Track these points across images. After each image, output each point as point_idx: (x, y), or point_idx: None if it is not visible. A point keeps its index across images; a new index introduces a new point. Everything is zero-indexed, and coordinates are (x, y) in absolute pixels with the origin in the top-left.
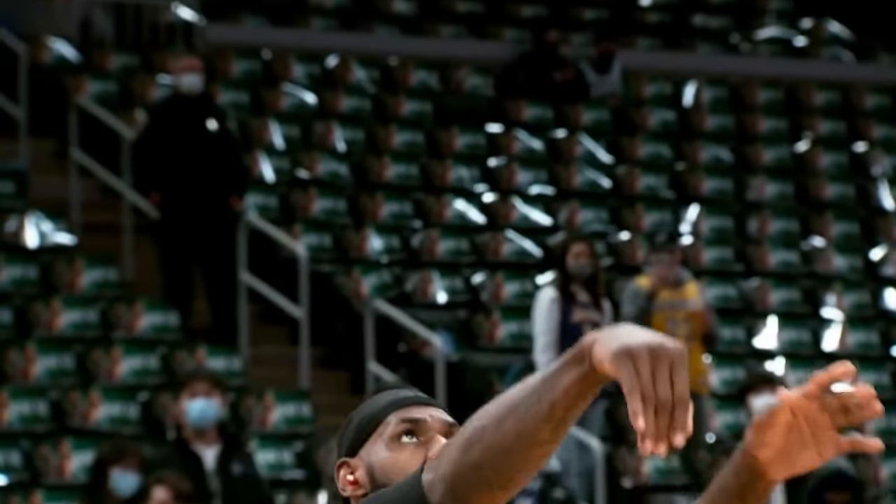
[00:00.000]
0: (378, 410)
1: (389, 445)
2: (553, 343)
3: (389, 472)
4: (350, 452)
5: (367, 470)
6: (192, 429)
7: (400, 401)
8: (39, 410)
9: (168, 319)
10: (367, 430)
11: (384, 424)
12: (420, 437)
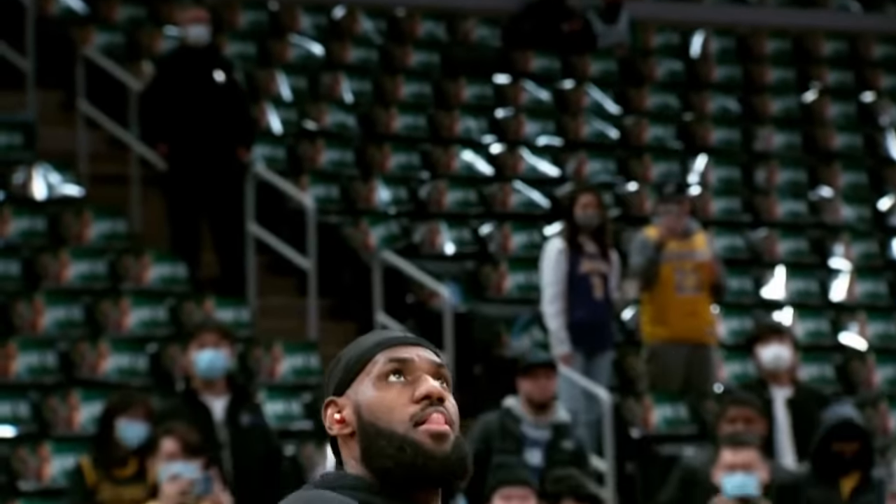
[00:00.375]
0: (366, 350)
1: (376, 384)
2: (561, 294)
3: (376, 411)
4: (337, 391)
5: (354, 408)
6: (201, 380)
7: (388, 340)
8: (48, 362)
9: (176, 271)
10: (354, 370)
11: (372, 363)
12: (407, 376)
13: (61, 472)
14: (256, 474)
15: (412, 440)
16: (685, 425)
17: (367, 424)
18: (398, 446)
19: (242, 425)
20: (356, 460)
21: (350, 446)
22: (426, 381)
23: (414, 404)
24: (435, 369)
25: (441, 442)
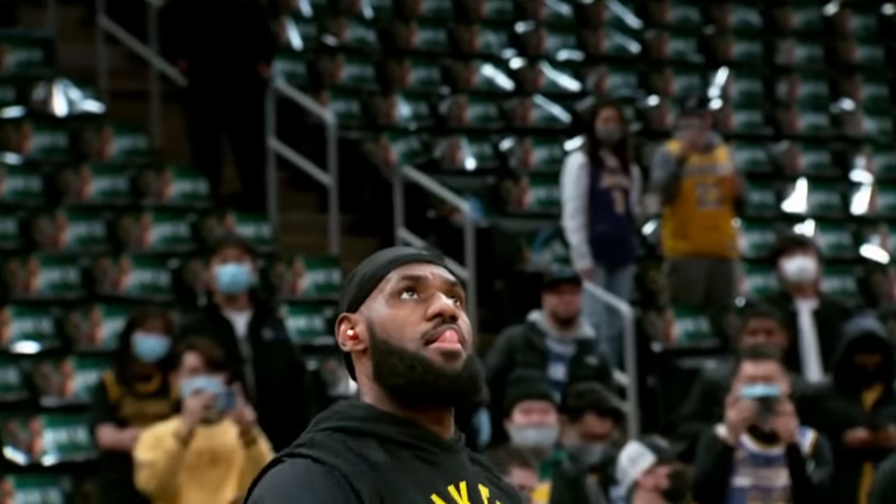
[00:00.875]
0: (380, 267)
1: (389, 301)
2: (582, 208)
3: (388, 328)
4: (351, 308)
5: (367, 325)
6: (223, 294)
7: (402, 257)
8: (70, 278)
9: (197, 187)
10: (368, 286)
11: (385, 280)
12: (420, 293)
13: (84, 388)
14: (279, 389)
15: (423, 358)
16: (706, 339)
17: (379, 342)
18: (409, 364)
19: (265, 340)
20: (368, 377)
21: (363, 363)
22: (439, 299)
23: (426, 322)
24: (448, 287)
25: (452, 360)
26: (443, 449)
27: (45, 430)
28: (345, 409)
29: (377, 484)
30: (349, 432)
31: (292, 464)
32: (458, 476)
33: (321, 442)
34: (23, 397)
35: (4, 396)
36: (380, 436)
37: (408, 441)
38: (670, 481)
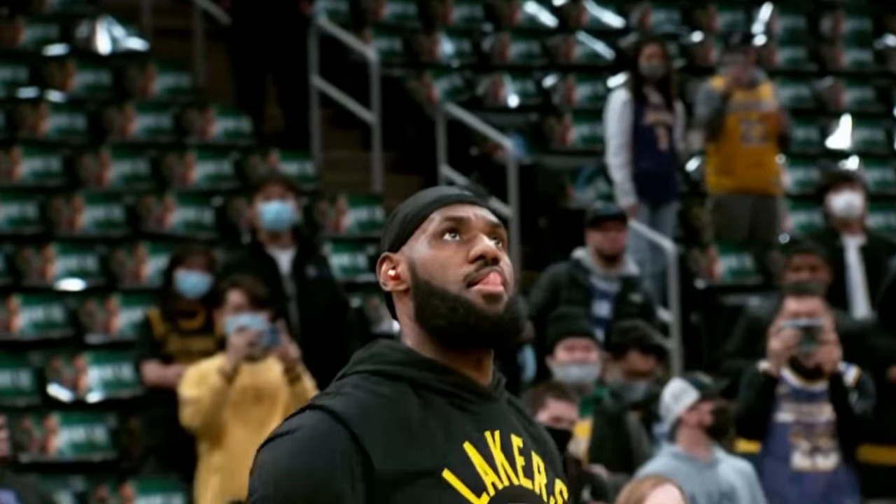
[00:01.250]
0: (422, 207)
1: (431, 242)
2: (625, 145)
3: (430, 269)
4: (393, 247)
5: (409, 265)
6: (267, 232)
7: (445, 198)
8: (114, 215)
9: (240, 125)
10: (410, 226)
11: (428, 221)
12: (463, 235)
13: (129, 325)
14: (322, 326)
15: (465, 300)
16: (750, 275)
17: (420, 283)
18: (451, 306)
19: (308, 277)
20: (409, 318)
21: (404, 303)
22: (481, 241)
23: (468, 264)
24: (491, 229)
25: (494, 302)
26: (479, 396)
27: (91, 368)
28: (383, 351)
29: (397, 437)
30: (385, 376)
31: (301, 423)
32: (493, 424)
33: (349, 391)
34: (68, 335)
35: (49, 334)
36: (415, 381)
37: (444, 388)
38: (713, 418)
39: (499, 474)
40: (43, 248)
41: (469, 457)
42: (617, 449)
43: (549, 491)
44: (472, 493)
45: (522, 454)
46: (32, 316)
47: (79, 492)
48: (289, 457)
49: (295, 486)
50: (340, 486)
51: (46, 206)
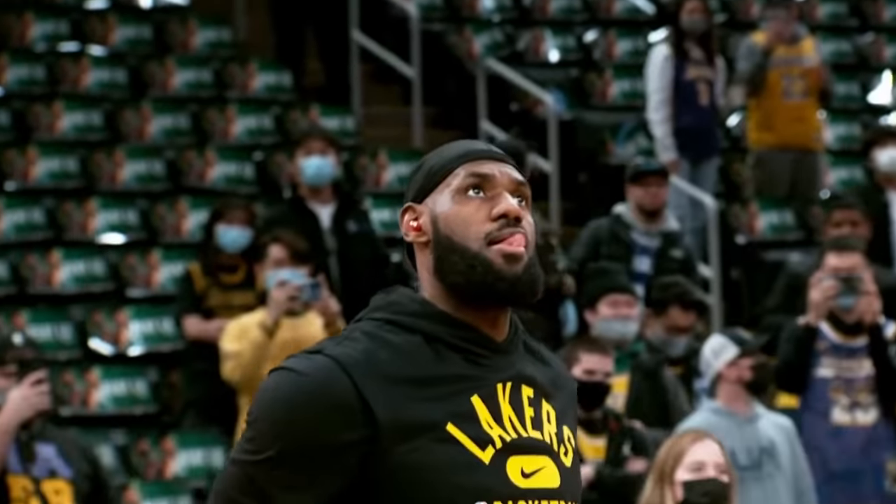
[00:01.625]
0: (449, 160)
1: (455, 197)
2: (666, 100)
3: (452, 224)
4: (416, 198)
5: (431, 218)
6: (308, 187)
7: (471, 153)
8: (155, 170)
9: (281, 79)
10: (435, 179)
11: (453, 175)
12: (487, 192)
13: (170, 279)
14: (363, 280)
15: (484, 258)
16: (791, 231)
17: (442, 237)
18: (470, 264)
19: (349, 232)
20: (428, 270)
21: (424, 255)
22: (505, 200)
23: (490, 222)
24: (515, 187)
25: (513, 263)
26: (493, 351)
27: (132, 322)
28: (401, 300)
29: (402, 389)
30: (399, 326)
31: (307, 368)
32: (504, 377)
33: (359, 338)
34: (109, 288)
35: (91, 287)
36: (428, 334)
37: (456, 343)
38: (753, 373)
39: (505, 427)
40: (84, 202)
41: (476, 410)
42: (654, 403)
43: (559, 439)
44: (477, 447)
45: (532, 405)
46: (74, 270)
47: (120, 445)
48: (288, 400)
49: (288, 430)
50: (332, 436)
51: (88, 161)
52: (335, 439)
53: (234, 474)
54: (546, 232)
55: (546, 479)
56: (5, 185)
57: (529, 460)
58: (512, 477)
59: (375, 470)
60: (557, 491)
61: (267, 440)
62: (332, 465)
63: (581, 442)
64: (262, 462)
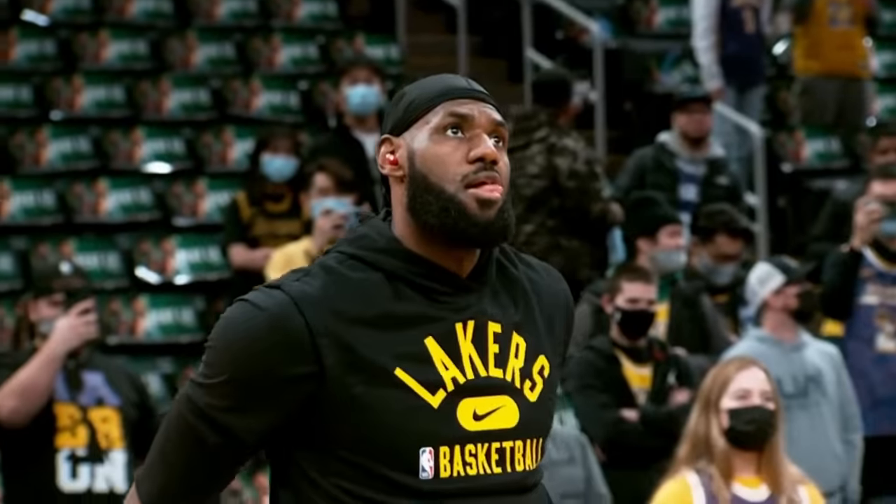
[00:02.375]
0: (429, 97)
1: (433, 136)
2: (712, 28)
3: (429, 163)
4: (394, 131)
5: (408, 154)
6: (353, 116)
7: (452, 91)
8: (201, 99)
9: (326, 8)
10: (414, 114)
11: (433, 112)
12: (465, 132)
13: (216, 208)
14: None
15: (459, 202)
16: (837, 159)
17: (418, 174)
18: (444, 206)
19: None
20: (402, 206)
21: (399, 190)
22: (483, 142)
23: (467, 164)
24: (494, 127)
25: (487, 209)
26: (456, 288)
27: (178, 250)
28: (370, 234)
29: (355, 330)
30: (362, 261)
31: (265, 302)
32: (467, 315)
33: (318, 273)
34: (155, 217)
35: (137, 216)
36: (391, 272)
37: (419, 281)
38: (799, 301)
39: (463, 368)
40: (130, 131)
41: (429, 352)
42: (694, 331)
43: (526, 373)
44: (426, 391)
45: (499, 341)
46: (120, 199)
47: (166, 373)
48: (243, 331)
49: (240, 359)
50: (280, 370)
51: (133, 90)
52: (283, 372)
53: (187, 395)
54: (590, 160)
55: (501, 419)
56: (51, 115)
57: (484, 401)
58: (462, 420)
59: (322, 408)
60: (514, 430)
61: (220, 366)
62: (276, 395)
63: (627, 371)
64: (213, 385)
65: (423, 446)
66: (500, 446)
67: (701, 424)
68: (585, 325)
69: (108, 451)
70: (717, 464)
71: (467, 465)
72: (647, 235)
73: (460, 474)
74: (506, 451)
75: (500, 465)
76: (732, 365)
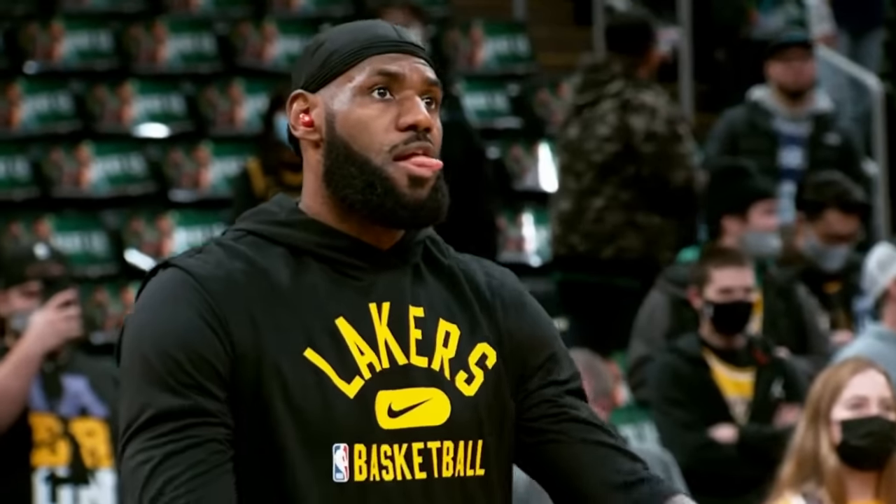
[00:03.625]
0: (353, 50)
1: (358, 97)
2: None
3: (352, 129)
4: (308, 85)
5: (327, 115)
6: None
7: (380, 43)
8: (204, 47)
9: None
10: (334, 70)
11: (357, 69)
12: (394, 94)
13: (222, 179)
14: (454, 179)
15: (387, 177)
16: None
17: (338, 141)
18: (369, 181)
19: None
20: (316, 175)
21: (313, 155)
22: (415, 107)
23: (397, 132)
24: (426, 87)
25: (419, 187)
26: (373, 263)
27: (176, 230)
28: (271, 207)
29: (257, 310)
30: (260, 237)
31: (160, 277)
32: (383, 295)
33: (213, 250)
34: (149, 190)
35: (127, 190)
36: (295, 246)
37: (326, 254)
38: None
39: (379, 354)
40: (119, 86)
41: (342, 334)
42: (790, 327)
43: (458, 364)
44: (341, 378)
45: (420, 326)
46: (107, 168)
47: None
48: (150, 310)
49: (158, 348)
50: (204, 340)
51: (123, 36)
52: (202, 353)
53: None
54: (672, 119)
55: (426, 415)
56: (25, 67)
57: (404, 394)
58: (378, 416)
59: (231, 397)
60: (441, 429)
61: (142, 376)
62: (212, 374)
63: (719, 377)
64: (151, 390)
65: (337, 442)
66: (423, 447)
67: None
68: (662, 322)
69: (93, 470)
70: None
71: (383, 468)
72: (736, 213)
73: (376, 479)
74: (431, 452)
75: (424, 469)
76: (846, 367)
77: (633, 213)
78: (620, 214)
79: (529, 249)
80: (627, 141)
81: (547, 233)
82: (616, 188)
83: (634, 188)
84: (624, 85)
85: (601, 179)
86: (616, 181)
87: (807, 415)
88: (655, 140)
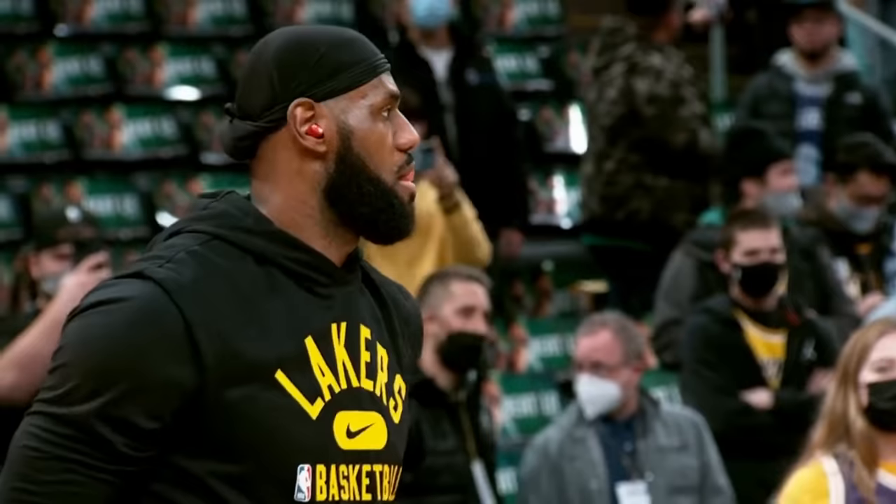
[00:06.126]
0: (364, 67)
1: (373, 115)
2: None
3: (370, 148)
4: (313, 93)
5: (339, 129)
6: (418, 29)
7: (381, 60)
8: (234, 10)
9: None
10: (345, 83)
11: (370, 86)
12: (391, 114)
13: None
14: (485, 143)
15: (398, 197)
16: None
17: (354, 157)
18: (387, 201)
19: (469, 84)
20: (312, 187)
21: (311, 165)
22: (408, 126)
23: (398, 153)
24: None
25: (412, 203)
26: (334, 280)
27: None
28: (231, 211)
29: (231, 325)
30: (228, 243)
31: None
32: (340, 314)
33: (184, 258)
34: (180, 153)
35: (159, 153)
36: (262, 256)
37: (293, 267)
38: None
39: (337, 376)
40: (150, 48)
41: (308, 355)
42: (815, 289)
43: (389, 391)
44: (306, 399)
45: (368, 348)
46: (138, 131)
47: None
48: (107, 331)
49: (108, 365)
50: (163, 371)
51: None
52: (158, 376)
53: (47, 429)
54: (678, 82)
55: (372, 438)
56: (56, 30)
57: (358, 416)
58: (337, 436)
59: (194, 416)
60: (382, 452)
61: (82, 384)
62: (153, 403)
63: (752, 338)
64: (80, 407)
65: (301, 463)
66: (370, 469)
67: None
68: (688, 285)
69: None
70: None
71: (341, 488)
72: (755, 175)
73: (334, 499)
74: (375, 475)
75: (370, 491)
76: (874, 329)
77: (641, 176)
78: (630, 177)
79: (560, 212)
80: (631, 103)
81: (577, 195)
82: (625, 151)
83: (641, 151)
84: (635, 48)
85: (611, 143)
86: (624, 144)
87: (836, 377)
88: (657, 102)
